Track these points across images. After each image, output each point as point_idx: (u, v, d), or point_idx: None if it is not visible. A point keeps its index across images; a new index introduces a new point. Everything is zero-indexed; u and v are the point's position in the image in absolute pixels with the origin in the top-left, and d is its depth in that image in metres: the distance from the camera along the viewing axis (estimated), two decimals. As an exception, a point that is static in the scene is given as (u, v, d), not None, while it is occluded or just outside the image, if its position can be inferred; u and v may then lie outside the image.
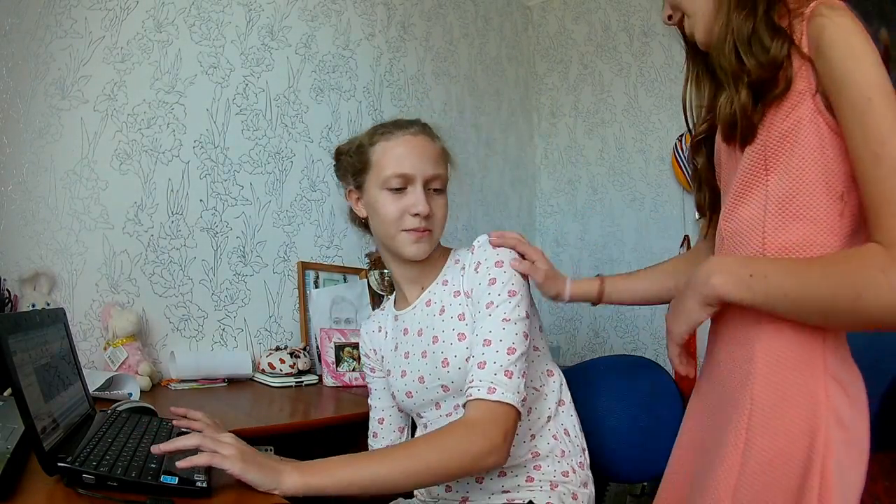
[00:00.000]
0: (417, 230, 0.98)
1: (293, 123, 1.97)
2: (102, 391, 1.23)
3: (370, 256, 1.99)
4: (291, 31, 1.98)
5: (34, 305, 1.33)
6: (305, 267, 1.93)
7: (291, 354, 1.68)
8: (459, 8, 2.67)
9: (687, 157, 2.36)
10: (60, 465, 0.66)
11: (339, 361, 1.75)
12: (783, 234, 0.74)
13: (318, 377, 1.73)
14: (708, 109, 0.89)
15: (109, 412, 0.96)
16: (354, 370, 1.74)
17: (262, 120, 1.88)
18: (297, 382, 1.65)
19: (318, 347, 1.79)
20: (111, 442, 0.77)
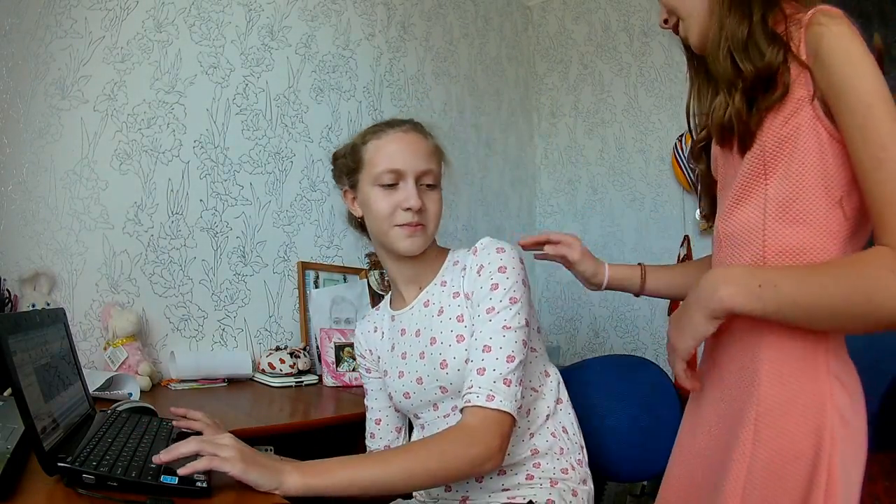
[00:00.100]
0: (410, 224, 0.98)
1: (293, 123, 1.97)
2: (102, 391, 1.23)
3: (370, 256, 1.99)
4: (291, 31, 1.98)
5: (34, 305, 1.33)
6: (305, 267, 1.93)
7: (291, 354, 1.68)
8: (459, 8, 2.67)
9: (687, 157, 2.36)
10: (60, 465, 0.66)
11: (339, 361, 1.75)
12: (783, 237, 0.75)
13: (318, 377, 1.73)
14: (708, 116, 0.89)
15: (109, 412, 0.96)
16: (354, 370, 1.74)
17: (262, 120, 1.88)
18: (297, 382, 1.65)
19: (318, 347, 1.79)
20: (111, 442, 0.77)
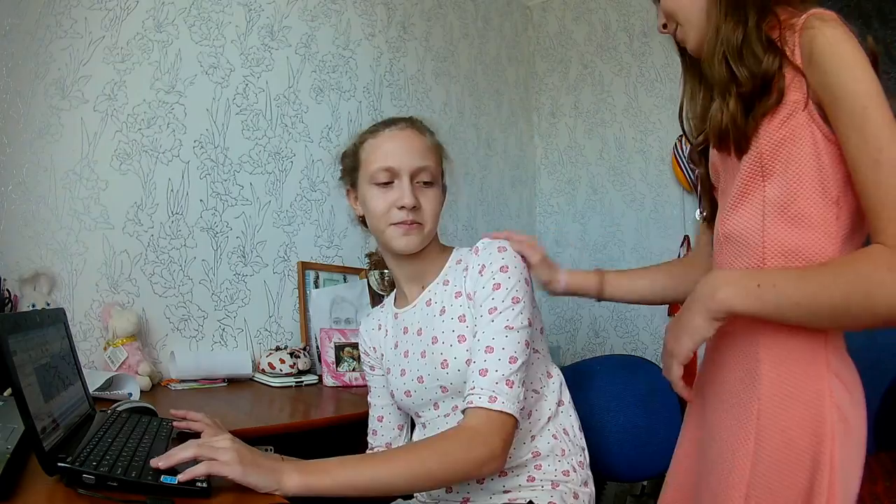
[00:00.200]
0: (405, 223, 0.98)
1: (293, 123, 1.97)
2: (102, 391, 1.23)
3: (370, 256, 1.99)
4: (291, 31, 1.98)
5: (34, 305, 1.33)
6: (305, 267, 1.93)
7: (291, 354, 1.68)
8: (459, 8, 2.67)
9: (687, 159, 2.36)
10: (60, 465, 0.66)
11: (339, 361, 1.75)
12: (782, 238, 0.76)
13: (318, 377, 1.73)
14: (702, 119, 0.90)
15: (109, 412, 0.96)
16: (354, 370, 1.74)
17: (262, 120, 1.88)
18: (297, 382, 1.64)
19: (318, 347, 1.79)
20: (111, 442, 0.77)
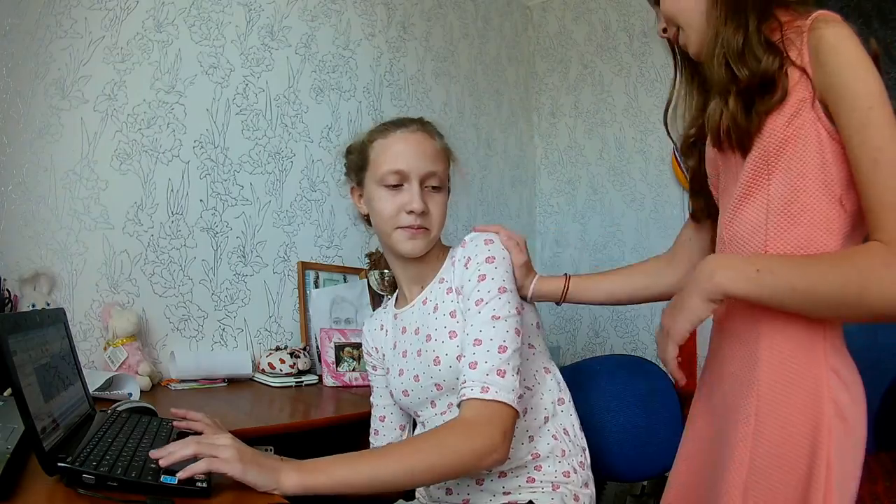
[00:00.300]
0: (412, 227, 0.98)
1: (293, 123, 1.97)
2: (102, 391, 1.23)
3: (370, 256, 1.99)
4: (291, 31, 1.98)
5: (34, 305, 1.33)
6: (305, 267, 1.93)
7: (291, 354, 1.68)
8: (459, 8, 2.67)
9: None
10: (60, 465, 0.66)
11: (339, 361, 1.75)
12: (785, 236, 0.77)
13: (318, 377, 1.73)
14: (696, 116, 0.91)
15: (109, 412, 0.96)
16: (354, 370, 1.74)
17: (262, 120, 1.88)
18: (297, 382, 1.64)
19: (318, 347, 1.79)
20: (111, 442, 0.77)
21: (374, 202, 1.00)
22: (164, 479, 0.68)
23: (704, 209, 0.97)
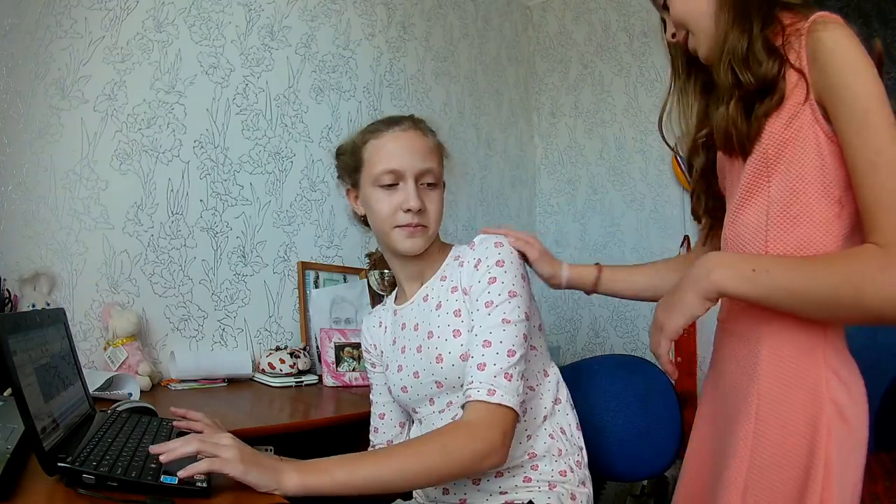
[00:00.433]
0: (410, 225, 0.98)
1: (293, 123, 1.97)
2: (102, 391, 1.23)
3: (370, 256, 1.99)
4: (291, 31, 1.98)
5: (34, 305, 1.33)
6: (305, 267, 1.93)
7: (291, 354, 1.68)
8: (459, 8, 2.67)
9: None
10: (60, 465, 0.66)
11: (339, 361, 1.75)
12: (785, 237, 0.77)
13: (318, 377, 1.73)
14: (703, 120, 0.92)
15: (109, 412, 0.96)
16: (354, 370, 1.74)
17: (262, 120, 1.88)
18: (297, 382, 1.64)
19: (318, 347, 1.79)
20: (111, 442, 0.77)
21: (370, 203, 1.01)
22: (164, 479, 0.68)
23: (709, 209, 0.97)
